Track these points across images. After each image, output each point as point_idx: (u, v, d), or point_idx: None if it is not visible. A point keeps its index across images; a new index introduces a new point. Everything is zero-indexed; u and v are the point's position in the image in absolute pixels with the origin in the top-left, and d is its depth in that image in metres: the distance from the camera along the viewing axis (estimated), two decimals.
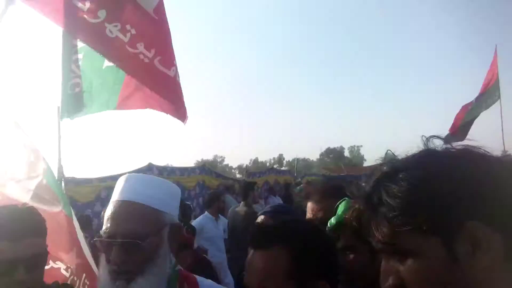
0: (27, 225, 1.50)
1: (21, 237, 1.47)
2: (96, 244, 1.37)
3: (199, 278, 1.57)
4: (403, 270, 0.79)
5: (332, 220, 1.54)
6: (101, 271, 1.35)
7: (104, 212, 1.41)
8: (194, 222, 6.37)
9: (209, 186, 10.27)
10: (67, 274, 2.37)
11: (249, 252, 1.20)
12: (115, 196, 1.40)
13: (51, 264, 2.35)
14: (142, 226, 1.32)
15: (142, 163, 8.38)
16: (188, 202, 9.28)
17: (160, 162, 9.39)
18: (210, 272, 2.31)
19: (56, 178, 3.68)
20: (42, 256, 1.55)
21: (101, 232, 1.35)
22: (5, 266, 1.44)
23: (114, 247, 1.31)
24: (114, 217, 1.34)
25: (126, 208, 1.34)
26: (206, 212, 6.25)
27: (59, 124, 4.93)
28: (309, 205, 1.93)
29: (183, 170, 9.74)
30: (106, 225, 1.34)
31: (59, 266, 2.37)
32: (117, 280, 1.31)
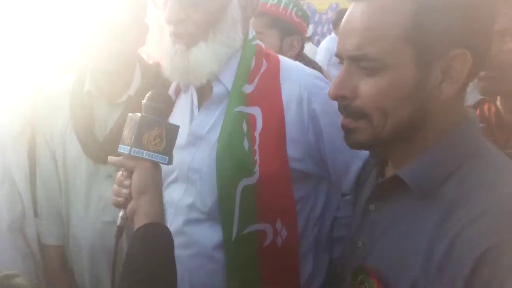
0: None
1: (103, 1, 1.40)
2: (153, 1, 1.22)
3: (282, 58, 1.27)
4: None
5: None
6: (166, 37, 1.19)
7: None
8: (320, 46, 5.94)
9: (342, 10, 9.48)
10: None
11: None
12: None
13: None
14: None
15: None
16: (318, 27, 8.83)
17: None
18: None
19: None
20: (127, 27, 1.45)
21: None
22: (87, 29, 1.43)
23: (168, 2, 1.12)
24: None
25: None
26: (332, 34, 5.72)
27: None
28: None
29: None
30: None
31: None
32: (176, 43, 1.14)
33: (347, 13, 0.80)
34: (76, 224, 1.58)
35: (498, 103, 1.22)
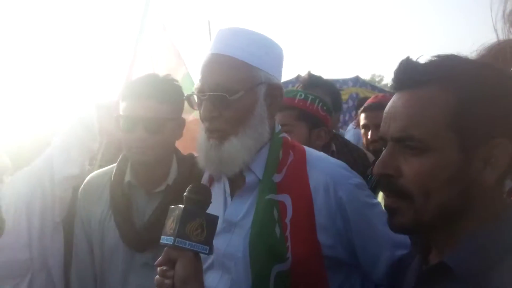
0: (154, 88, 1.51)
1: (143, 98, 1.49)
2: (189, 102, 1.33)
3: (308, 149, 1.34)
4: None
5: None
6: (200, 132, 1.30)
7: None
8: (348, 135, 6.06)
9: (363, 99, 9.79)
10: None
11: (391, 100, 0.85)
12: (207, 51, 1.29)
13: None
14: (231, 80, 1.21)
15: (291, 75, 8.28)
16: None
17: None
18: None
19: None
20: (165, 122, 1.52)
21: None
22: (127, 122, 1.51)
23: (203, 102, 1.22)
24: (202, 70, 1.25)
25: (214, 61, 1.25)
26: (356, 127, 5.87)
27: (210, 36, 5.06)
28: None
29: (335, 82, 9.42)
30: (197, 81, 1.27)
31: None
32: (211, 138, 1.24)
33: (391, 100, 0.85)
34: None
35: None
